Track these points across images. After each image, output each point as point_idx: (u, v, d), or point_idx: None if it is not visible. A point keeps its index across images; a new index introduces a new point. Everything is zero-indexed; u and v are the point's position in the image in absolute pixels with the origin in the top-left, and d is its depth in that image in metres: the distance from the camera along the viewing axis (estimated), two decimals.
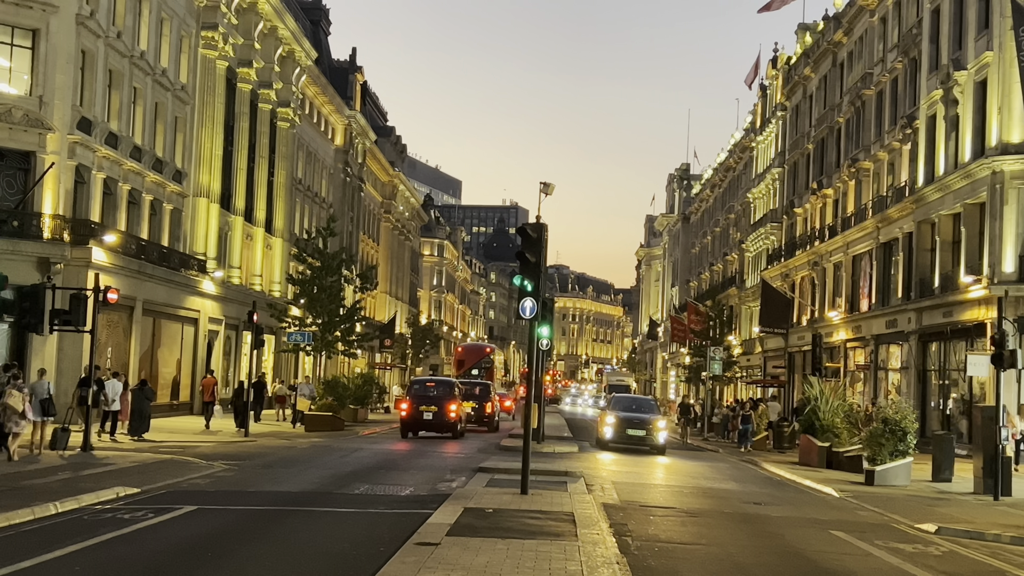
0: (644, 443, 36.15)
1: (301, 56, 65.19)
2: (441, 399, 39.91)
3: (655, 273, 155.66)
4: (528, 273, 18.67)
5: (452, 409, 39.67)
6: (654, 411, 38.96)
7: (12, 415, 24.17)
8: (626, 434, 35.99)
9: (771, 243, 74.08)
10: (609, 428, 36.57)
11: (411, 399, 40.31)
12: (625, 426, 36.16)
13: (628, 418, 36.72)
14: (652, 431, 36.19)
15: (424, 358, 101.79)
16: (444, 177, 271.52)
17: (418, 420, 39.44)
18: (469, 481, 22.06)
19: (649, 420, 36.69)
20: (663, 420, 37.81)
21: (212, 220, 52.24)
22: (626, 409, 38.20)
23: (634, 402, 41.66)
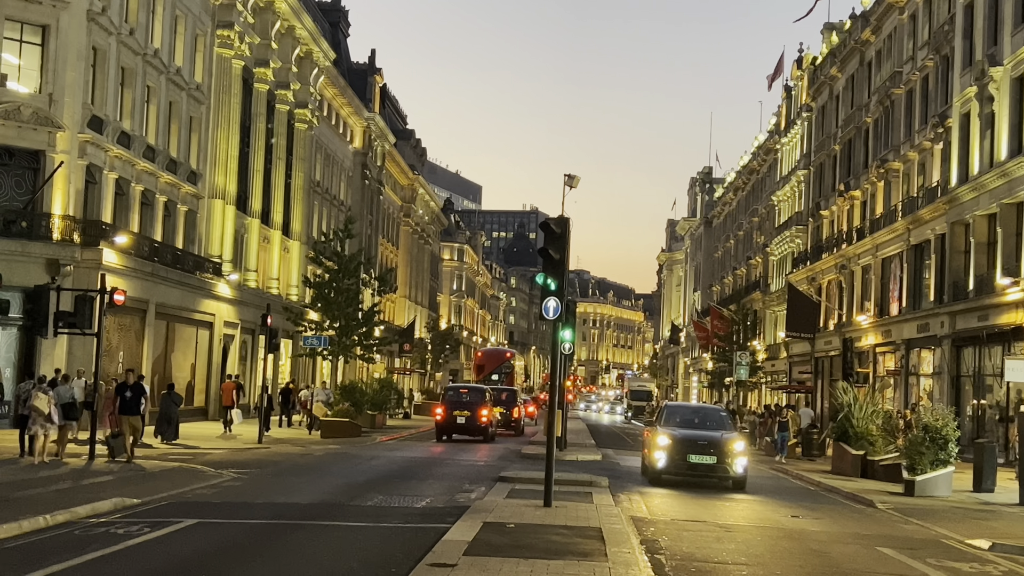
0: (714, 474, 25.15)
1: (319, 56, 64.24)
2: (474, 404, 42.47)
3: (676, 278, 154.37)
4: (551, 271, 17.53)
5: (484, 414, 42.04)
6: (726, 426, 27.24)
7: (38, 417, 24.57)
8: (687, 461, 25.01)
9: (796, 246, 72.81)
10: (662, 453, 25.24)
11: (445, 404, 42.97)
12: (686, 449, 25.05)
13: (690, 438, 25.49)
14: (726, 456, 24.95)
15: (444, 363, 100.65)
16: (464, 182, 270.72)
17: (452, 424, 42.02)
18: (488, 491, 20.94)
19: (720, 440, 25.34)
20: (740, 440, 26.21)
21: (228, 222, 51.28)
22: (686, 424, 26.94)
23: (696, 414, 29.22)
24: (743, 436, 30.05)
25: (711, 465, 24.95)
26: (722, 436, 25.59)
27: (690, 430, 26.12)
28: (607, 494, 21.16)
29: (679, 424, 26.74)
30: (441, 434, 42.57)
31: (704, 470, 25.07)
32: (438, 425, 42.90)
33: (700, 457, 24.88)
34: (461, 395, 44.04)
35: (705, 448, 25.00)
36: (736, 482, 25.19)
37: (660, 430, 26.00)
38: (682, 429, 26.10)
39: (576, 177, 18.75)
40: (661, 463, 25.19)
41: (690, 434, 25.71)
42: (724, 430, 26.42)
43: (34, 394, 25.13)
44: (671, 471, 25.24)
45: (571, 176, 18.63)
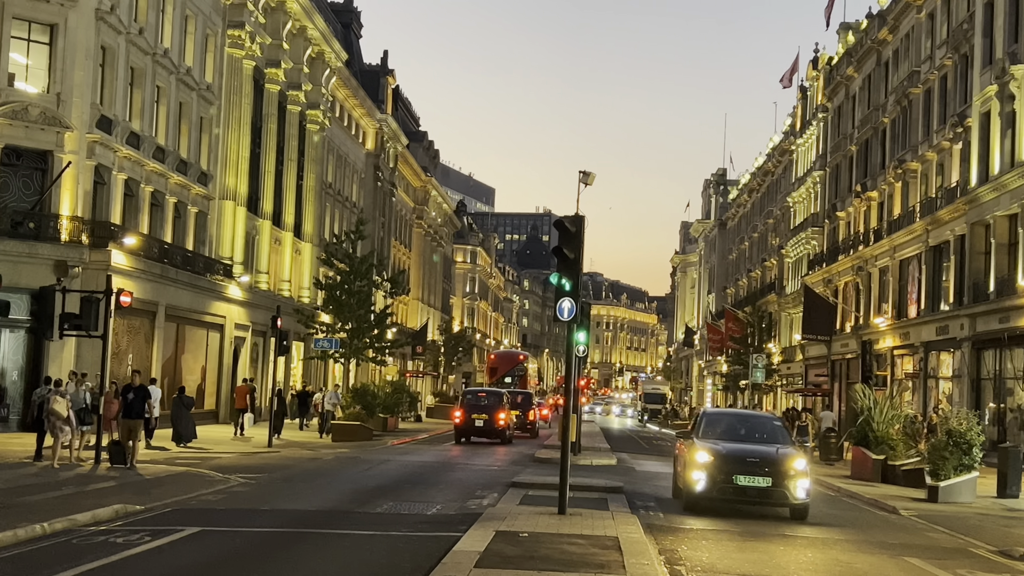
0: (769, 500, 19.94)
1: (331, 57, 63.80)
2: (492, 408, 43.40)
3: (690, 280, 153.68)
4: (566, 270, 16.98)
5: (501, 417, 43.07)
6: (781, 438, 21.61)
7: (56, 421, 24.75)
8: (734, 484, 19.70)
9: (812, 248, 72.14)
10: (702, 473, 19.90)
11: (464, 408, 43.83)
12: (732, 468, 19.81)
13: (737, 455, 20.19)
14: (784, 477, 19.60)
15: (456, 366, 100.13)
16: (477, 185, 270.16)
17: (471, 427, 42.88)
18: (501, 498, 20.39)
19: (776, 457, 20.07)
20: (800, 456, 20.55)
21: (239, 224, 50.84)
22: (731, 436, 21.53)
23: (744, 423, 23.06)
24: (803, 451, 23.02)
25: (764, 489, 19.62)
26: (778, 452, 20.39)
27: (737, 444, 20.90)
28: (623, 500, 20.62)
29: (722, 436, 21.30)
30: (460, 436, 43.23)
31: (756, 495, 19.76)
32: (457, 428, 43.65)
33: (750, 479, 19.65)
34: (479, 398, 44.95)
35: (757, 467, 19.76)
36: (796, 510, 20.05)
37: (698, 444, 20.51)
38: (727, 443, 20.75)
39: (591, 174, 18.20)
40: (700, 485, 19.84)
41: (737, 449, 20.44)
42: (779, 443, 21.13)
43: (52, 398, 25.27)
44: (713, 495, 19.85)
45: (586, 173, 18.07)
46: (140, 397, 25.80)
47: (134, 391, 25.87)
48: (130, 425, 25.43)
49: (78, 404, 26.70)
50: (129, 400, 25.67)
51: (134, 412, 25.56)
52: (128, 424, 25.45)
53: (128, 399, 25.70)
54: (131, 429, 25.40)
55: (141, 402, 25.72)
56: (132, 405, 25.59)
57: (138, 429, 25.62)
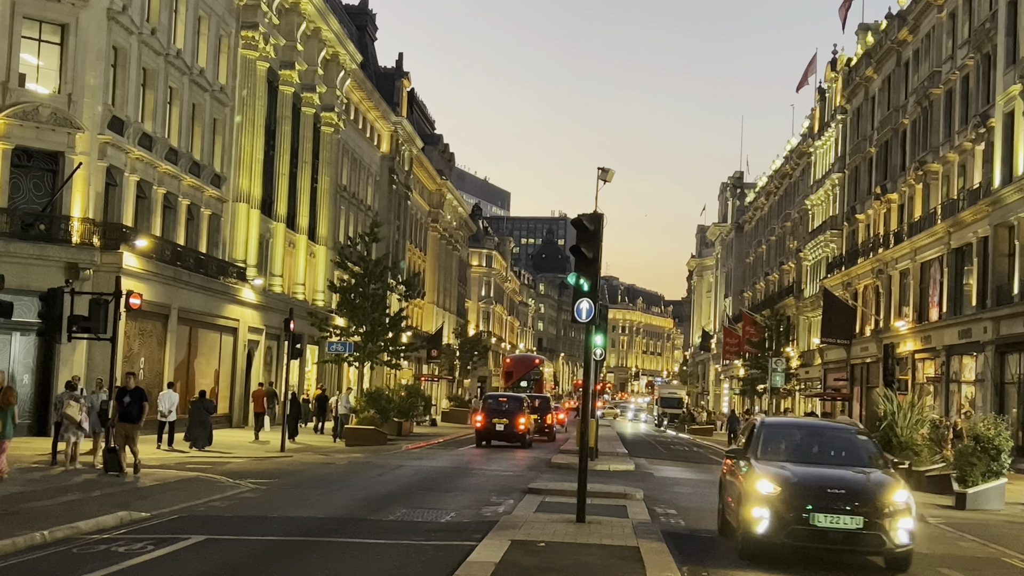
0: (860, 546, 14.73)
1: (345, 59, 63.38)
2: (512, 412, 43.85)
3: (707, 284, 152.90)
4: (584, 270, 16.42)
5: (521, 422, 43.41)
6: (868, 459, 16.03)
7: (70, 425, 24.75)
8: (811, 526, 14.37)
9: (831, 251, 71.45)
10: (764, 510, 14.56)
11: (485, 412, 44.52)
12: (807, 503, 14.42)
13: (815, 483, 14.80)
14: (880, 515, 14.44)
15: (472, 370, 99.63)
16: (493, 189, 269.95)
17: (491, 431, 43.47)
18: (517, 504, 19.86)
19: (867, 487, 14.87)
20: (901, 486, 15.16)
21: (252, 226, 50.41)
22: (801, 456, 16.05)
23: (816, 438, 17.06)
24: (901, 477, 16.53)
25: (854, 533, 14.20)
26: (869, 479, 15.01)
27: (811, 467, 15.38)
28: (643, 507, 20.07)
29: (790, 456, 15.87)
30: (481, 440, 43.88)
31: (841, 540, 14.39)
32: (478, 432, 44.36)
33: (833, 518, 14.18)
34: (500, 403, 45.43)
35: (842, 501, 14.33)
36: (896, 560, 14.80)
37: (758, 468, 15.11)
38: (797, 465, 15.31)
39: (610, 171, 17.63)
40: (763, 526, 14.40)
41: (813, 476, 14.92)
42: (867, 465, 15.64)
43: (66, 402, 25.28)
44: (780, 540, 14.45)
45: (605, 170, 17.50)
46: (136, 400, 24.36)
47: (130, 394, 24.44)
48: (126, 430, 24.07)
49: (98, 408, 27.22)
50: (125, 404, 24.33)
51: (130, 416, 24.18)
52: (124, 429, 24.09)
53: (124, 403, 24.36)
54: (127, 434, 24.07)
55: (138, 405, 24.28)
56: (128, 409, 24.25)
57: (134, 434, 24.16)
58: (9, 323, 34.79)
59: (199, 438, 33.11)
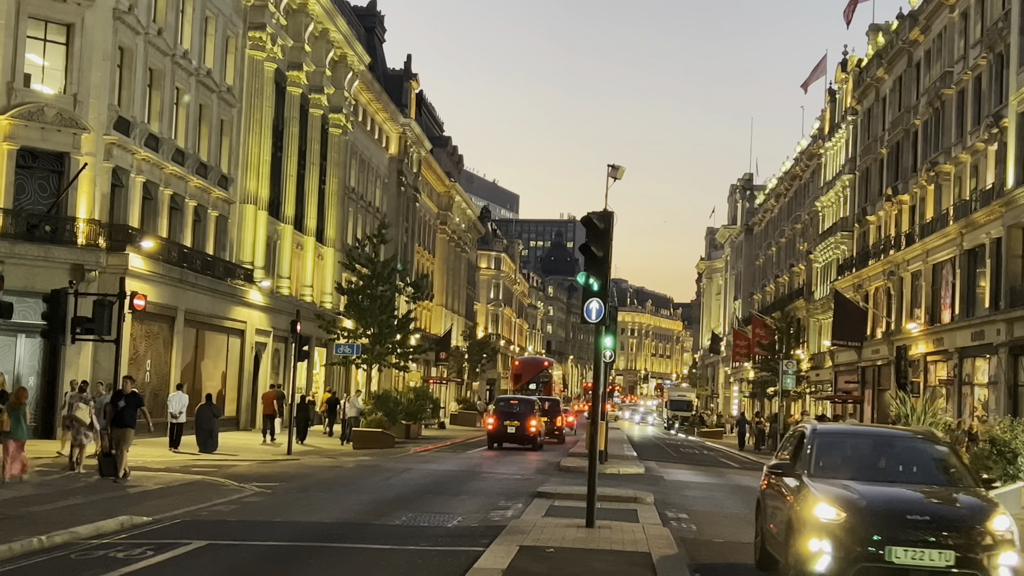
0: None
1: (354, 60, 63.10)
2: (523, 415, 44.45)
3: (716, 286, 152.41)
4: (594, 269, 16.07)
5: (532, 424, 43.96)
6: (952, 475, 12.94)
7: (80, 427, 24.72)
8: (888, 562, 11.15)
9: (841, 253, 70.98)
10: (825, 543, 11.41)
11: (497, 415, 45.23)
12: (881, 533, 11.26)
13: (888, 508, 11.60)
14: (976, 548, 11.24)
15: (480, 372, 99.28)
16: (501, 191, 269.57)
17: (503, 433, 44.20)
18: (526, 509, 19.52)
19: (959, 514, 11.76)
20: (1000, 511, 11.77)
21: (260, 228, 50.14)
22: (868, 473, 12.83)
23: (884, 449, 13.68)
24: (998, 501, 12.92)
25: (943, 573, 11.19)
26: (957, 501, 12.14)
27: (883, 487, 12.31)
28: (653, 511, 19.73)
29: (852, 472, 12.73)
30: (492, 442, 44.59)
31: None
32: (489, 434, 45.22)
33: (916, 552, 11.19)
34: (511, 406, 46.01)
35: (927, 531, 11.32)
36: None
37: (815, 489, 12.09)
38: (863, 484, 12.22)
39: (620, 168, 17.27)
40: (824, 563, 11.41)
41: (888, 498, 11.89)
42: (951, 484, 12.74)
43: (76, 405, 25.32)
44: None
45: (615, 167, 17.14)
46: (132, 404, 23.97)
47: (125, 398, 24.00)
48: (119, 435, 23.42)
49: None
50: (120, 408, 23.84)
51: (124, 420, 23.61)
52: (118, 433, 23.45)
53: (119, 407, 23.85)
54: (120, 439, 23.38)
55: (133, 410, 23.85)
56: (123, 413, 23.72)
57: (128, 438, 23.50)
58: (14, 325, 34.61)
59: (205, 442, 33.00)
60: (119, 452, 23.16)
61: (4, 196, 34.73)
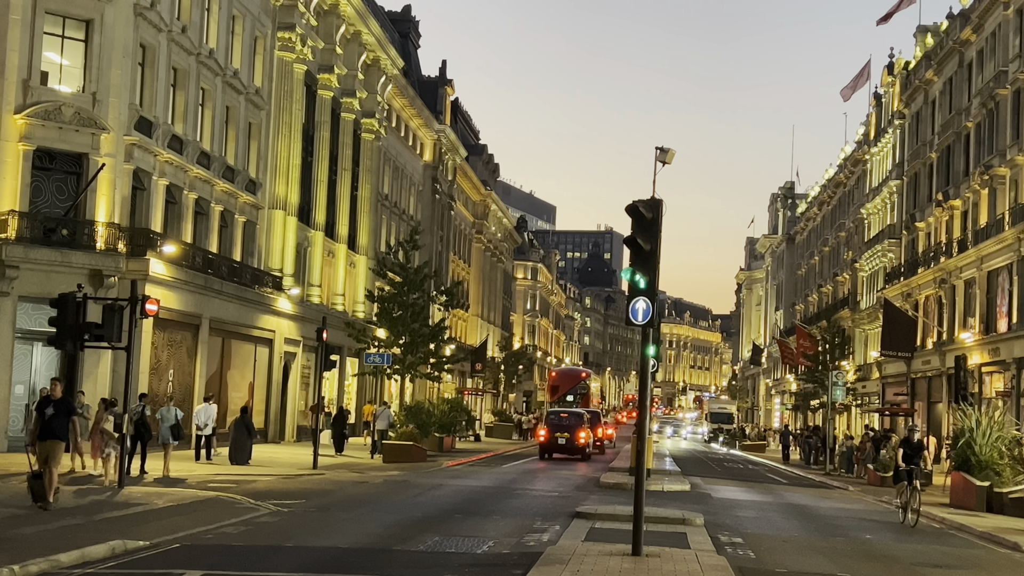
0: None
1: (387, 64, 61.62)
2: (573, 427, 46.58)
3: (756, 297, 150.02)
4: (640, 265, 14.28)
5: (582, 436, 46.21)
6: None
7: (108, 439, 24.62)
8: None
9: (889, 261, 68.82)
10: None
11: (548, 427, 47.49)
12: None
13: None
14: None
15: (517, 384, 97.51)
16: (538, 202, 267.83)
17: (554, 444, 46.28)
18: (564, 532, 17.75)
19: None
20: None
21: (289, 234, 48.65)
22: None
23: None
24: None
25: None
26: None
27: None
28: (704, 535, 17.91)
29: None
30: (543, 453, 46.71)
31: None
32: (541, 445, 47.52)
33: None
34: (561, 418, 48.33)
35: None
36: None
37: None
38: None
39: (670, 151, 15.48)
40: None
41: None
42: None
43: (104, 416, 25.15)
44: None
45: (664, 149, 15.36)
46: (62, 413, 19.51)
47: (54, 404, 19.59)
48: (47, 449, 19.11)
49: (168, 421, 28.75)
50: (47, 416, 19.38)
51: (54, 431, 19.29)
52: (45, 448, 19.12)
53: (46, 415, 19.41)
54: (49, 454, 19.09)
55: (64, 419, 19.45)
56: (51, 423, 19.33)
57: (57, 453, 19.33)
58: (31, 333, 33.37)
59: (238, 455, 32.45)
60: (48, 471, 18.92)
61: (20, 199, 33.35)
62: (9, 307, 33.02)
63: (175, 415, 29.36)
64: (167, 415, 29.20)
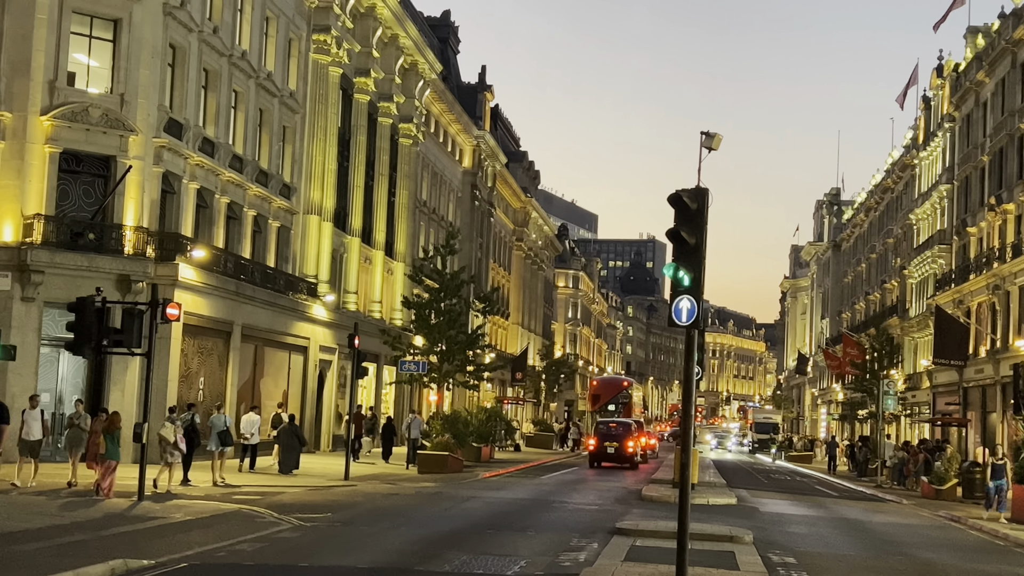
0: None
1: (425, 68, 60.66)
2: (621, 436, 47.99)
3: (801, 305, 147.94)
4: (684, 260, 13.05)
5: (630, 445, 47.62)
6: None
7: (166, 446, 24.99)
8: None
9: (939, 267, 67.05)
10: None
11: (597, 436, 48.75)
12: None
13: None
14: None
15: (558, 393, 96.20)
16: (580, 211, 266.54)
17: (603, 453, 47.45)
18: (602, 550, 16.54)
19: None
20: None
21: (324, 240, 47.70)
22: None
23: None
24: None
25: None
26: None
27: None
28: (754, 554, 16.65)
29: None
30: (593, 462, 47.84)
31: None
32: (590, 454, 48.81)
33: None
34: (610, 428, 49.46)
35: None
36: None
37: None
38: None
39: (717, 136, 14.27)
40: None
41: None
42: None
43: (162, 424, 25.59)
44: None
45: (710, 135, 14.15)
46: None
47: None
48: None
49: (218, 428, 28.91)
50: None
51: None
52: None
53: None
54: None
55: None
56: None
57: None
58: (57, 340, 32.48)
59: (286, 463, 32.46)
60: None
61: (46, 202, 32.54)
62: (35, 313, 32.23)
63: (224, 422, 29.64)
64: (217, 422, 29.44)
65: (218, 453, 28.60)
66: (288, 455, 32.75)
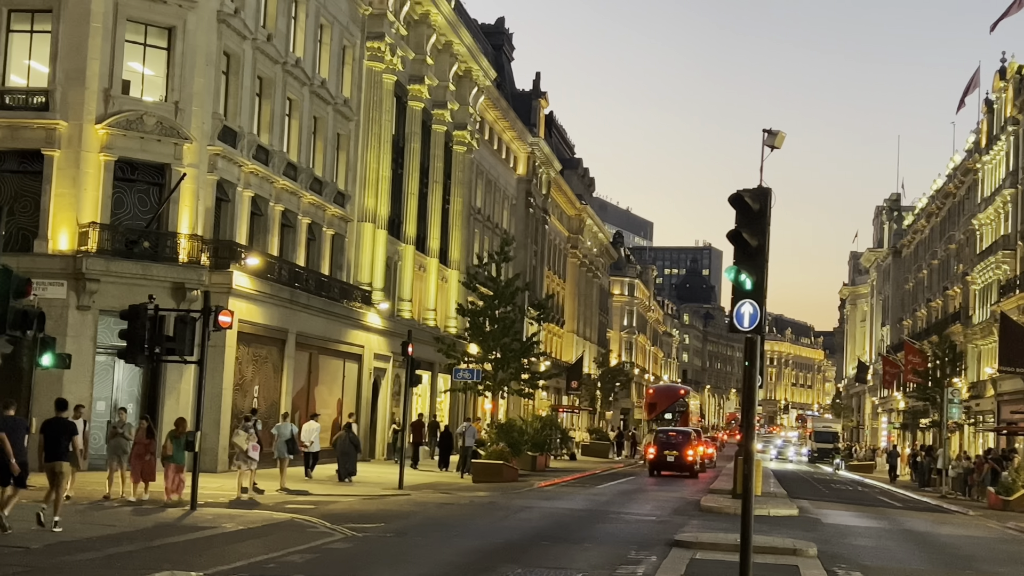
0: None
1: (479, 75, 60.43)
2: (680, 444, 47.93)
3: (861, 312, 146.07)
4: (746, 263, 12.57)
5: (689, 453, 47.32)
6: None
7: (240, 454, 25.59)
8: None
9: (1003, 273, 65.71)
10: None
11: (656, 445, 48.66)
12: None
13: None
14: None
15: (614, 401, 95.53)
16: (635, 219, 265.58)
17: (662, 461, 47.27)
18: (661, 563, 16.05)
19: None
20: None
21: (379, 248, 47.52)
22: None
23: None
24: None
25: None
26: None
27: None
28: (819, 568, 16.11)
29: None
30: (652, 470, 47.75)
31: None
32: (650, 463, 48.61)
33: None
34: (669, 437, 49.55)
35: None
36: None
37: None
38: None
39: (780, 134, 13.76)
40: None
41: None
42: None
43: (235, 431, 26.54)
44: None
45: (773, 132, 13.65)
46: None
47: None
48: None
49: (284, 436, 29.73)
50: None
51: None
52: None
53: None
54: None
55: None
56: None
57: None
58: (112, 348, 32.44)
59: (343, 469, 32.68)
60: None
61: (101, 210, 32.55)
62: (90, 321, 32.24)
63: (291, 430, 30.34)
64: (283, 430, 30.13)
65: (287, 461, 29.41)
66: (345, 461, 32.83)
